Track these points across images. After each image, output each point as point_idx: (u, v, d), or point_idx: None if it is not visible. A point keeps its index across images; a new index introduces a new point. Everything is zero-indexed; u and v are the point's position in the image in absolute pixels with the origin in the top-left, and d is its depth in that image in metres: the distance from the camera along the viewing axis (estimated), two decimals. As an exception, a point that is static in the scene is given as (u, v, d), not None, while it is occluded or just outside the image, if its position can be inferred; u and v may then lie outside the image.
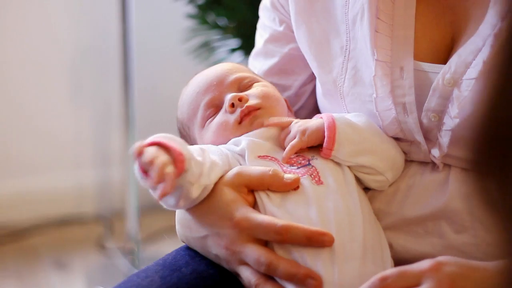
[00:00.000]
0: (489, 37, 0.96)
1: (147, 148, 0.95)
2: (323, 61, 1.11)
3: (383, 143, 1.04)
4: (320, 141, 1.03)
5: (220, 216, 1.00)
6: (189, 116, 1.15)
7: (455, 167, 1.02)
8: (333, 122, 1.03)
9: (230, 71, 1.15)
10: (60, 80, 2.67)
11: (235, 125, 1.09)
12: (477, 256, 1.00)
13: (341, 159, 1.03)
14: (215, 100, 1.12)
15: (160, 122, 2.71)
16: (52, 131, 2.70)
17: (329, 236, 0.95)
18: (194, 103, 1.14)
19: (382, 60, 1.02)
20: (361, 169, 1.04)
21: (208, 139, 1.11)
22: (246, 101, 1.09)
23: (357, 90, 1.07)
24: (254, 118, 1.09)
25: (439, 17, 1.04)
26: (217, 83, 1.13)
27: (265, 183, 1.00)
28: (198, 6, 2.17)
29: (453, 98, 0.98)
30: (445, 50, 1.03)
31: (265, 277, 0.96)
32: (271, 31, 1.21)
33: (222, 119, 1.10)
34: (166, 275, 1.03)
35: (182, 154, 0.96)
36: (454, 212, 1.01)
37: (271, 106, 1.11)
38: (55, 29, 2.62)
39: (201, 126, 1.13)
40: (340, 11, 1.08)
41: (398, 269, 0.91)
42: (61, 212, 2.71)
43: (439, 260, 0.90)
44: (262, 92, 1.12)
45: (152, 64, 2.71)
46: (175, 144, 0.97)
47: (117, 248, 2.51)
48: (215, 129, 1.10)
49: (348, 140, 1.02)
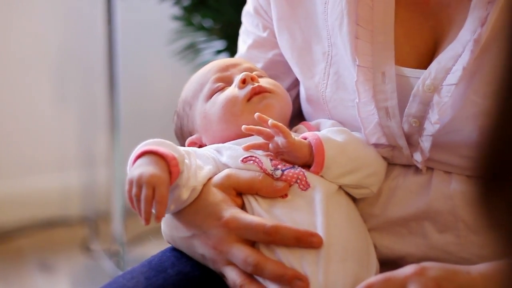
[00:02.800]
0: (468, 43, 0.96)
1: (133, 184, 0.95)
2: (306, 66, 1.11)
3: (367, 158, 1.04)
4: (303, 163, 1.02)
5: (208, 215, 1.00)
6: (195, 91, 1.15)
7: (438, 170, 1.02)
8: (321, 145, 1.01)
9: (244, 61, 1.17)
10: (45, 81, 2.66)
11: (244, 101, 1.09)
12: (461, 255, 1.01)
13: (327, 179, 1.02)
14: (226, 77, 1.13)
15: (145, 123, 2.71)
16: (37, 132, 2.69)
17: (318, 237, 0.95)
18: (204, 77, 1.15)
19: (364, 66, 1.02)
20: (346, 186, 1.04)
21: (214, 114, 1.10)
22: (258, 82, 1.10)
23: (340, 96, 1.07)
24: (263, 98, 1.09)
25: (421, 22, 1.03)
26: (230, 65, 1.15)
27: (254, 187, 1.00)
28: (184, 7, 2.17)
29: (433, 104, 0.98)
30: (427, 55, 1.02)
31: (250, 278, 0.96)
32: (254, 37, 1.21)
33: (232, 94, 1.10)
34: (152, 276, 1.03)
35: (175, 158, 0.96)
36: (437, 212, 1.01)
37: (281, 95, 1.11)
38: (41, 30, 2.61)
39: (206, 98, 1.12)
40: (320, 17, 1.08)
41: (383, 275, 0.91)
42: (46, 214, 2.70)
43: (423, 264, 0.91)
44: (273, 82, 1.13)
45: (138, 65, 2.71)
46: (166, 149, 0.97)
47: (103, 250, 2.50)
48: (223, 103, 1.10)
49: (336, 163, 1.01)
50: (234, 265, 0.98)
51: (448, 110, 0.98)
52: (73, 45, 2.66)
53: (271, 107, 1.09)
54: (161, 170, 0.95)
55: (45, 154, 2.71)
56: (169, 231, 1.07)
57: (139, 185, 0.94)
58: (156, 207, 0.94)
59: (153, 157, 0.96)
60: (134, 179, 0.95)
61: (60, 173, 2.74)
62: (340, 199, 1.02)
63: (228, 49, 2.15)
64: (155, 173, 0.94)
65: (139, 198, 0.94)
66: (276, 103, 1.10)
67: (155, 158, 0.96)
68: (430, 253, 1.01)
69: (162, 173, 0.95)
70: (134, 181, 0.95)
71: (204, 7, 2.14)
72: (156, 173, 0.94)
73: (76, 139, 2.74)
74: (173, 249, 1.08)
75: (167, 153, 0.96)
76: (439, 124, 0.98)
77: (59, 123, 2.71)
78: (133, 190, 0.94)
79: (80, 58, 2.68)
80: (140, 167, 0.96)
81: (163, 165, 0.96)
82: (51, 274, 2.44)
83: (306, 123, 1.12)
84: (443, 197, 1.01)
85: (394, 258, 1.02)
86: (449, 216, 1.01)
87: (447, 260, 0.99)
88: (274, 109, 1.09)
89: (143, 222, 0.94)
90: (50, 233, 2.65)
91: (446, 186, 1.01)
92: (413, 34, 1.03)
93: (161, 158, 0.96)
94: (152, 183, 0.94)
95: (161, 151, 0.97)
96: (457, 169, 1.01)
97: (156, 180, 0.94)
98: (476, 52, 0.95)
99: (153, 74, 2.74)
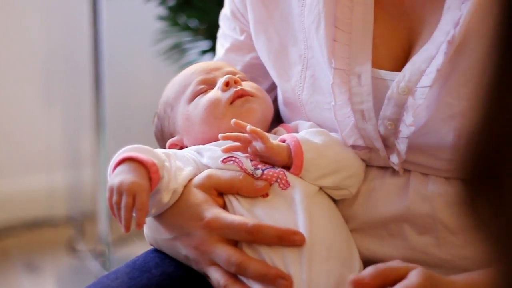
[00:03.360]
0: (442, 44, 0.96)
1: (113, 191, 0.96)
2: (282, 69, 1.11)
3: (346, 160, 1.04)
4: (283, 165, 1.02)
5: (190, 216, 1.00)
6: (177, 93, 1.14)
7: (415, 172, 1.03)
8: (300, 148, 1.01)
9: (227, 65, 1.17)
10: (30, 82, 2.65)
11: (227, 104, 1.09)
12: (441, 256, 1.01)
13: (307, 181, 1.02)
14: (209, 80, 1.13)
15: (131, 124, 2.71)
16: (22, 133, 2.68)
17: (300, 235, 0.95)
18: (187, 79, 1.14)
19: (340, 68, 1.02)
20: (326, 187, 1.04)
21: (196, 116, 1.10)
22: (241, 85, 1.10)
23: (316, 98, 1.07)
24: (246, 101, 1.09)
25: (396, 23, 1.03)
26: (213, 68, 1.15)
27: (235, 187, 1.01)
28: (169, 7, 2.17)
29: (408, 107, 0.97)
30: (403, 57, 1.02)
31: (234, 278, 0.97)
32: (232, 40, 1.21)
33: (215, 96, 1.10)
34: (136, 276, 1.03)
35: (155, 164, 0.97)
36: (415, 214, 1.01)
37: (263, 99, 1.12)
38: (26, 31, 2.60)
39: (189, 100, 1.12)
40: (296, 20, 1.08)
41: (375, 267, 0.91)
42: (32, 214, 2.69)
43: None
44: (256, 86, 1.13)
45: (123, 66, 2.70)
46: (146, 155, 0.98)
47: (88, 250, 2.50)
48: (206, 105, 1.09)
49: (315, 165, 1.01)
50: (217, 266, 0.98)
51: (423, 112, 0.98)
52: (58, 45, 2.66)
53: (253, 111, 1.09)
54: (141, 177, 0.96)
55: (30, 154, 2.70)
56: (151, 234, 1.07)
57: (120, 193, 0.95)
58: (137, 215, 0.95)
59: (133, 164, 0.97)
60: (114, 187, 0.95)
61: (46, 173, 2.74)
62: (321, 199, 1.02)
63: (213, 49, 2.15)
64: (135, 181, 0.95)
65: (120, 205, 0.95)
66: (258, 107, 1.10)
67: (134, 165, 0.97)
68: (410, 255, 1.01)
69: (142, 180, 0.96)
70: (114, 188, 0.95)
71: (189, 7, 2.14)
72: (136, 181, 0.95)
73: (61, 139, 2.73)
74: (157, 250, 1.08)
75: (147, 160, 0.97)
76: (414, 126, 0.97)
77: (45, 123, 2.70)
78: (113, 197, 0.95)
79: (66, 59, 2.67)
80: (120, 174, 0.96)
81: (143, 172, 0.96)
82: (37, 274, 2.43)
83: (285, 125, 1.13)
84: (421, 199, 1.01)
85: (375, 260, 1.02)
86: (427, 217, 1.01)
87: (427, 261, 1.00)
88: (256, 113, 1.09)
89: (123, 230, 0.95)
90: (36, 233, 2.65)
91: (424, 188, 1.01)
92: (388, 35, 1.03)
93: (141, 165, 0.97)
94: (133, 190, 0.94)
95: (141, 157, 0.97)
96: (434, 171, 1.01)
97: (136, 187, 0.95)
98: (450, 54, 0.95)
99: (138, 74, 2.74)
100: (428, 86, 0.96)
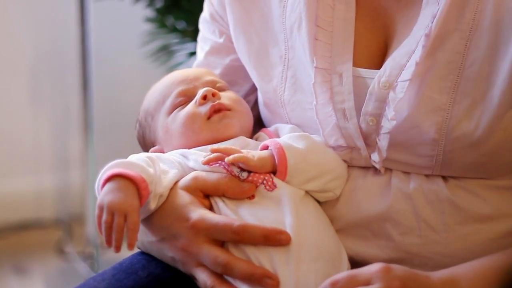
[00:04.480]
0: (421, 38, 0.97)
1: (102, 211, 0.96)
2: (263, 70, 1.11)
3: (330, 163, 1.04)
4: (267, 171, 1.02)
5: (177, 218, 1.00)
6: (157, 103, 1.14)
7: (396, 170, 1.03)
8: (283, 155, 1.02)
9: (207, 73, 1.16)
10: (18, 83, 2.65)
11: (204, 119, 1.08)
12: (424, 254, 1.01)
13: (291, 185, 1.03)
14: (189, 91, 1.12)
15: (118, 126, 2.70)
16: (10, 134, 2.67)
17: (286, 234, 0.96)
18: (167, 90, 1.14)
19: (322, 68, 1.02)
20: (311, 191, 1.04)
21: (174, 130, 1.10)
22: (219, 98, 1.10)
23: (298, 98, 1.07)
24: (224, 117, 1.08)
25: (372, 21, 1.04)
26: (193, 78, 1.14)
27: (221, 189, 1.01)
28: (157, 9, 2.17)
29: (389, 101, 0.99)
30: (380, 54, 1.03)
31: (221, 279, 0.97)
32: (211, 43, 1.21)
33: (192, 110, 1.09)
34: (123, 278, 1.04)
35: (144, 181, 0.97)
36: (398, 214, 1.02)
37: (241, 112, 1.11)
38: (13, 32, 2.60)
39: (168, 113, 1.12)
40: (277, 21, 1.08)
41: (348, 272, 0.93)
42: (20, 216, 2.68)
43: (388, 264, 0.91)
44: (235, 97, 1.13)
45: (111, 67, 2.70)
46: (134, 171, 0.98)
47: (76, 252, 2.50)
48: (183, 120, 1.09)
49: (299, 170, 1.02)
50: (204, 267, 0.98)
51: (405, 106, 0.98)
52: (46, 46, 2.65)
53: (230, 126, 1.08)
54: (132, 196, 0.96)
55: (19, 156, 2.70)
56: (138, 236, 1.07)
57: (111, 213, 0.95)
58: (129, 235, 0.95)
59: (123, 182, 0.97)
60: (104, 206, 0.95)
61: (34, 175, 2.73)
62: (308, 201, 1.03)
63: (201, 51, 2.15)
64: (126, 200, 0.95)
65: (110, 225, 0.95)
66: (236, 122, 1.09)
67: (124, 182, 0.97)
68: (394, 255, 1.02)
69: (133, 200, 0.96)
70: (104, 207, 0.95)
71: (177, 9, 2.14)
72: (127, 200, 0.95)
73: (49, 141, 2.73)
74: (143, 252, 1.09)
75: (136, 176, 0.97)
76: (395, 120, 0.98)
77: (33, 125, 2.70)
78: (103, 216, 0.95)
79: (53, 60, 2.67)
80: (111, 193, 0.96)
81: (133, 189, 0.97)
82: (25, 276, 2.43)
83: (266, 130, 1.13)
84: (403, 197, 1.02)
85: (360, 261, 1.02)
86: (410, 216, 1.01)
87: (411, 260, 1.01)
88: (233, 128, 1.08)
89: (114, 250, 0.95)
90: (24, 235, 2.64)
91: (406, 186, 1.02)
92: (366, 33, 1.04)
93: (131, 182, 0.97)
94: (124, 210, 0.95)
95: (130, 174, 0.97)
96: (415, 168, 1.02)
97: (128, 207, 0.95)
98: (428, 47, 0.96)
99: (126, 76, 2.73)
100: (408, 80, 0.97)
